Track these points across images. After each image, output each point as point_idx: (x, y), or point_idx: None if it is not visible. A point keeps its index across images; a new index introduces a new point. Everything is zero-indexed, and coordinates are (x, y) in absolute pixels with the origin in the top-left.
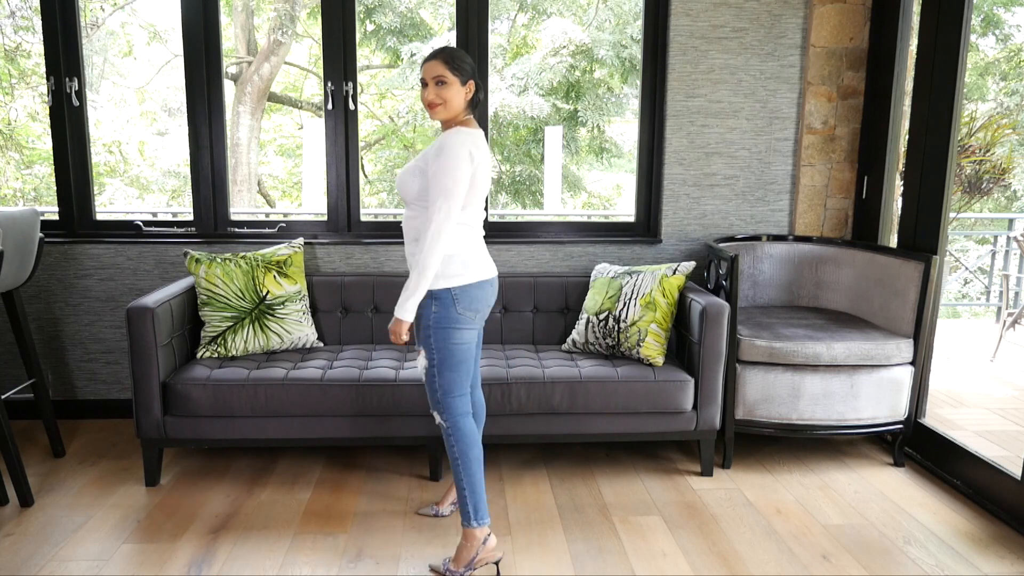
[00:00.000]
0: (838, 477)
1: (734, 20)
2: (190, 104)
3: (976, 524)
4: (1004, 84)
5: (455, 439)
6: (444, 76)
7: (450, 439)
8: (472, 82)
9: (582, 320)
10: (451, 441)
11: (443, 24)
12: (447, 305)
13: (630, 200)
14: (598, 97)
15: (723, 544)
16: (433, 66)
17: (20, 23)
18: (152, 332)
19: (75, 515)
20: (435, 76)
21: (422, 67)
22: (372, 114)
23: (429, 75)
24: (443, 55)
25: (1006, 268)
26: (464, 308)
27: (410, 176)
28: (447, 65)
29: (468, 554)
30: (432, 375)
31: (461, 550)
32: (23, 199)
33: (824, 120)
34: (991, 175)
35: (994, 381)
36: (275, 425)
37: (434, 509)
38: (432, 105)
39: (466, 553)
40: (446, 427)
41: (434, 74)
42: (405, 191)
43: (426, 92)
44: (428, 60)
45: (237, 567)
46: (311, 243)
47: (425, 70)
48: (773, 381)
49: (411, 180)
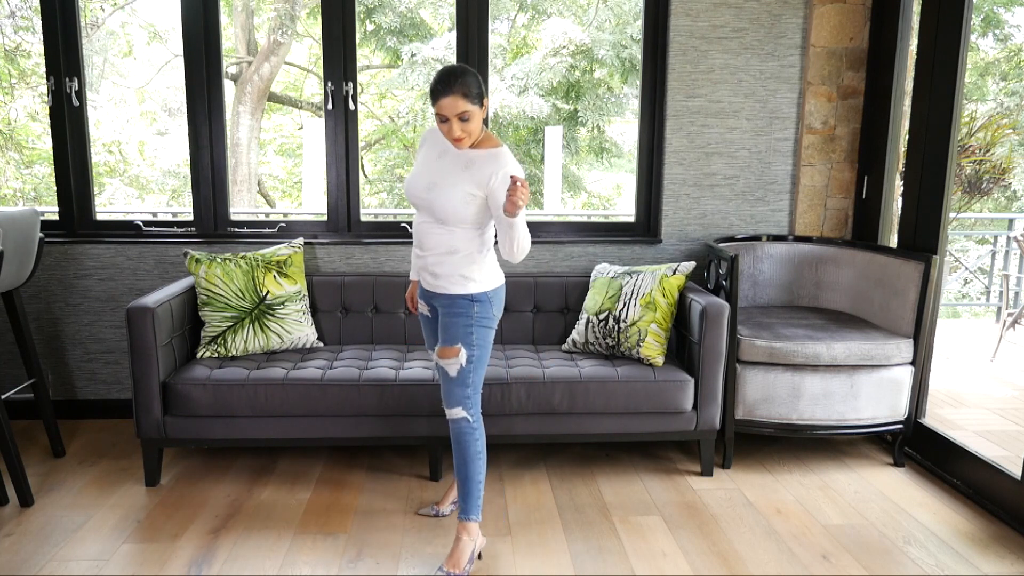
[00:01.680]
0: (838, 477)
1: (734, 20)
2: (190, 104)
3: (976, 524)
4: (1004, 84)
5: (479, 433)
6: (467, 112)
7: (475, 434)
8: (486, 100)
9: (582, 320)
10: (476, 436)
11: (443, 24)
12: (486, 306)
13: (630, 200)
14: (598, 97)
15: (723, 544)
16: (454, 103)
17: (20, 23)
18: (152, 332)
19: (75, 515)
20: (459, 114)
21: (439, 102)
22: (372, 114)
23: (452, 112)
24: (459, 88)
25: (1006, 268)
26: (497, 309)
27: (463, 204)
28: (466, 99)
29: (468, 549)
30: (468, 372)
31: (463, 548)
32: (23, 199)
33: (824, 120)
34: (991, 175)
35: (994, 381)
36: (275, 425)
37: (434, 509)
38: (459, 140)
39: (466, 549)
40: (471, 422)
41: (457, 111)
42: (457, 217)
43: (450, 127)
44: (444, 96)
45: (237, 567)
46: (311, 243)
47: (445, 107)
48: (773, 381)
49: (464, 208)
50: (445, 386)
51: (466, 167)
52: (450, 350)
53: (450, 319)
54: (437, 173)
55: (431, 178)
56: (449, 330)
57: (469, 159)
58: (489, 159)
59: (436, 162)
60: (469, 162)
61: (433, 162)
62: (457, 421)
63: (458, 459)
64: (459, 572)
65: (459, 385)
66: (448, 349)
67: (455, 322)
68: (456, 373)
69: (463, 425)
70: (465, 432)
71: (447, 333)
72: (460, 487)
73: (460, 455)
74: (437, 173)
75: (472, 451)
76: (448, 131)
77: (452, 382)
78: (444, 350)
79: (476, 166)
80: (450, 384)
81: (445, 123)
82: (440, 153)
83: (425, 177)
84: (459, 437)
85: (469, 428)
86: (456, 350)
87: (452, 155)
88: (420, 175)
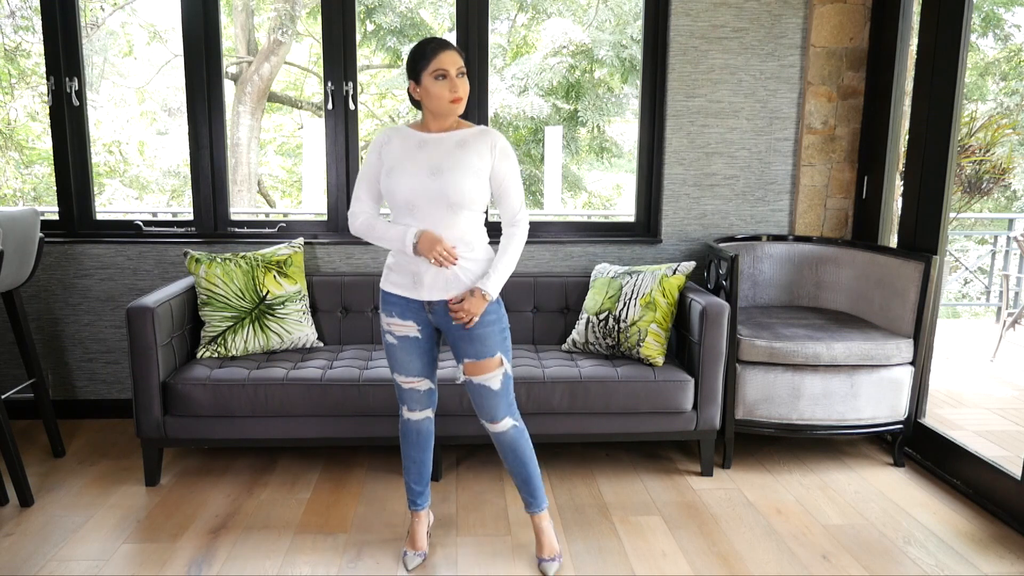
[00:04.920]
0: (838, 477)
1: (734, 20)
2: (190, 104)
3: (976, 524)
4: (1004, 84)
5: (526, 431)
6: (463, 68)
7: (524, 434)
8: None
9: (582, 320)
10: (526, 435)
11: (443, 24)
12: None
13: (630, 200)
14: (598, 97)
15: (723, 544)
16: (455, 56)
17: (20, 23)
18: (152, 332)
19: (75, 515)
20: (460, 67)
21: (438, 56)
22: (372, 114)
23: (454, 66)
24: (455, 46)
25: (1006, 268)
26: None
27: (474, 184)
28: (462, 56)
29: (552, 532)
30: (509, 378)
31: (550, 534)
32: (23, 199)
33: (824, 120)
34: (991, 175)
35: (994, 381)
36: (275, 425)
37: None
38: (458, 100)
39: (552, 533)
40: (519, 427)
41: (459, 65)
42: (469, 198)
43: (449, 84)
44: (444, 50)
45: (237, 567)
46: (311, 243)
47: (447, 61)
48: (773, 381)
49: (475, 187)
50: (487, 402)
51: (460, 146)
52: (490, 363)
53: (480, 329)
54: (434, 159)
55: (429, 165)
56: (484, 341)
57: (459, 139)
58: (480, 134)
59: (421, 152)
60: (461, 142)
61: (417, 153)
62: (506, 432)
63: (515, 463)
64: (557, 554)
65: (504, 395)
66: (487, 363)
67: (487, 332)
68: (500, 385)
69: (513, 433)
70: (516, 438)
71: (482, 345)
72: (524, 486)
73: (517, 459)
74: (434, 159)
75: (528, 452)
76: (450, 88)
77: (496, 396)
78: (481, 365)
79: (470, 143)
80: (494, 399)
81: (442, 80)
82: (419, 144)
83: (420, 168)
84: (512, 444)
85: (518, 432)
86: (496, 361)
87: (435, 141)
88: (412, 168)
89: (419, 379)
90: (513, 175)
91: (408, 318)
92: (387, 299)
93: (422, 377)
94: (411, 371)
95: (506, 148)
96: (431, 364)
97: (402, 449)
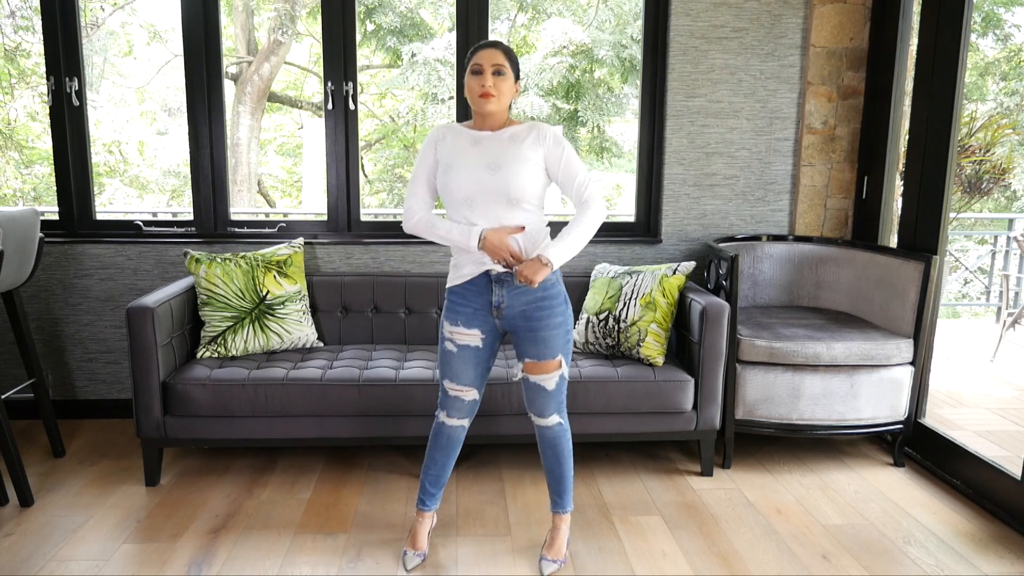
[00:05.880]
0: (838, 477)
1: (734, 20)
2: (190, 104)
3: (976, 524)
4: (1004, 84)
5: (569, 431)
6: (503, 67)
7: (567, 433)
8: (519, 82)
9: (582, 320)
10: (568, 434)
11: (443, 24)
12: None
13: (630, 200)
14: (598, 97)
15: (723, 544)
16: (493, 54)
17: (20, 23)
18: (152, 332)
19: (75, 515)
20: (495, 64)
21: (477, 53)
22: (372, 114)
23: (488, 62)
24: (501, 46)
25: (1006, 268)
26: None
27: (532, 178)
28: (506, 56)
29: (566, 537)
30: (564, 379)
31: (563, 537)
32: (23, 199)
33: (824, 120)
34: (991, 175)
35: (994, 381)
36: (275, 425)
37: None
38: (487, 95)
39: (565, 537)
40: (564, 425)
41: (494, 62)
42: (529, 192)
43: (481, 79)
44: (485, 48)
45: (237, 567)
46: (311, 243)
47: (483, 57)
48: (773, 381)
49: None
50: (539, 399)
51: (513, 141)
52: (550, 364)
53: (547, 331)
54: (490, 155)
55: (486, 161)
56: (548, 344)
57: (512, 135)
58: (530, 128)
59: (475, 148)
60: (513, 136)
61: (471, 149)
62: (551, 427)
63: (552, 459)
64: (562, 558)
65: (557, 395)
66: (547, 364)
67: (553, 334)
68: (555, 386)
69: (557, 430)
70: (559, 434)
71: (545, 347)
72: (556, 484)
73: (555, 455)
74: (490, 155)
75: (567, 451)
76: (479, 83)
77: (549, 395)
78: (542, 366)
79: (522, 138)
80: (547, 398)
81: (477, 75)
82: (472, 141)
83: (477, 163)
84: (554, 440)
85: (562, 430)
86: (557, 364)
87: (488, 139)
88: (468, 164)
89: (469, 389)
90: (570, 158)
91: (474, 326)
92: (453, 305)
93: (472, 387)
94: (464, 380)
95: (558, 135)
96: (484, 375)
97: (428, 450)
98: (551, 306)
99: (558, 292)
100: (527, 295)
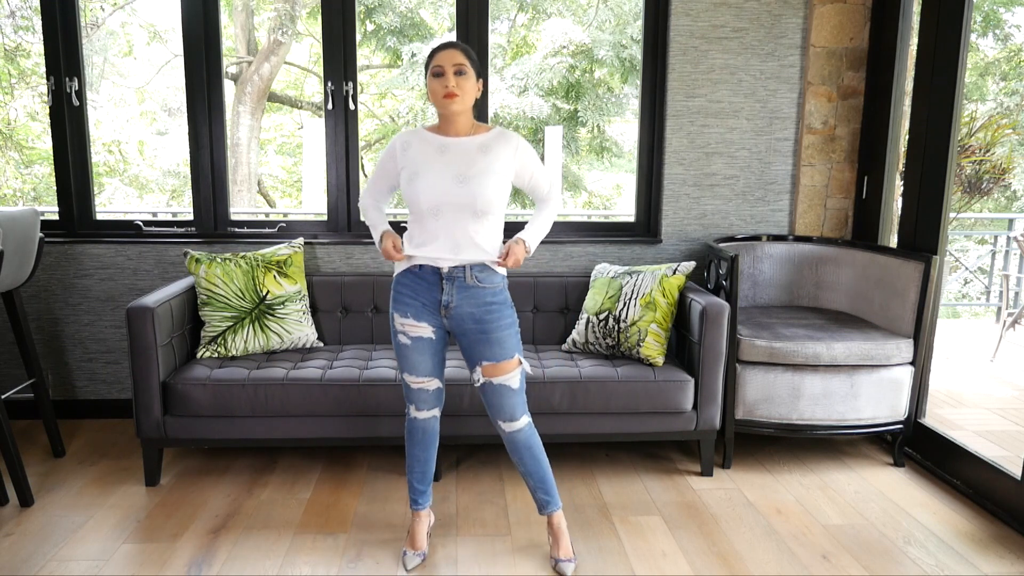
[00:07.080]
0: (838, 477)
1: (734, 20)
2: (190, 104)
3: (976, 524)
4: (1004, 84)
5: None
6: (464, 66)
7: (536, 432)
8: (481, 81)
9: (582, 320)
10: (536, 432)
11: (443, 24)
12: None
13: (630, 200)
14: (598, 97)
15: (723, 544)
16: (452, 54)
17: (20, 23)
18: (152, 332)
19: (75, 515)
20: (456, 64)
21: (436, 56)
22: (372, 114)
23: (449, 62)
24: (459, 46)
25: (1006, 268)
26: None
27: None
28: (466, 55)
29: (568, 533)
30: (523, 375)
31: (566, 535)
32: (23, 199)
33: (824, 120)
34: (991, 175)
35: (994, 381)
36: (275, 425)
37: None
38: (451, 95)
39: (567, 534)
40: (531, 423)
41: (455, 61)
42: (494, 204)
43: (443, 80)
44: (444, 49)
45: (237, 567)
46: (311, 243)
47: (444, 58)
48: (773, 381)
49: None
50: (507, 401)
51: (482, 151)
52: (509, 364)
53: (498, 333)
54: (459, 166)
55: (453, 172)
56: (503, 344)
57: (480, 144)
58: (499, 137)
59: (442, 157)
60: (483, 146)
61: (437, 158)
62: (522, 429)
63: (531, 462)
64: (573, 556)
65: (520, 393)
66: (506, 364)
67: (506, 335)
68: (518, 383)
69: (528, 431)
70: (530, 435)
71: (500, 348)
72: (540, 484)
73: (533, 457)
74: (459, 166)
75: (541, 448)
76: (442, 84)
77: (515, 394)
78: (501, 366)
79: (492, 148)
80: (513, 398)
81: (439, 77)
82: (439, 148)
83: (443, 173)
84: (528, 442)
85: (532, 428)
86: (515, 362)
87: (455, 147)
88: (434, 173)
89: (429, 379)
90: (535, 166)
91: (423, 320)
92: (401, 296)
93: (432, 377)
94: (423, 371)
95: (526, 147)
96: (441, 364)
97: (407, 448)
98: (500, 310)
99: (506, 299)
100: (476, 298)
